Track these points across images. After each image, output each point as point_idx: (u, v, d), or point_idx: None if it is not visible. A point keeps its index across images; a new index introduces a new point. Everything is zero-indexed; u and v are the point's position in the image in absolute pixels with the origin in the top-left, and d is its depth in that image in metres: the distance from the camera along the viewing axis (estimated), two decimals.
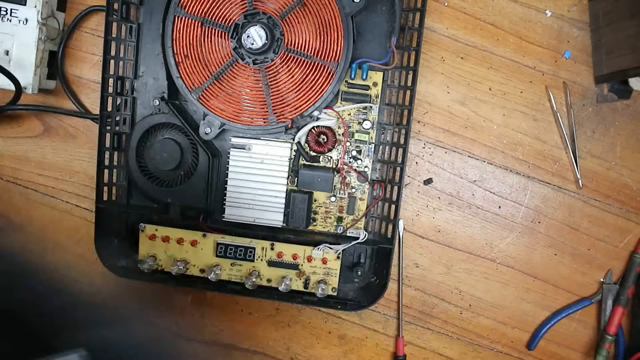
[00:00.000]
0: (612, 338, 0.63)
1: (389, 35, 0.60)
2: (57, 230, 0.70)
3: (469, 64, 0.63)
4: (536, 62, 0.63)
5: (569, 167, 0.64)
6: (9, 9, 0.61)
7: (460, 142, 0.64)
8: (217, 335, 0.69)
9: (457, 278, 0.66)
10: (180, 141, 0.62)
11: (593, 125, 0.63)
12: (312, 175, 0.61)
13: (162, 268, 0.63)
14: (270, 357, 0.69)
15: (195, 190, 0.62)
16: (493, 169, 0.64)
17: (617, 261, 0.65)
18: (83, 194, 0.69)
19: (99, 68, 0.67)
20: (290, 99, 0.59)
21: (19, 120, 0.69)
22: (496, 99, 0.63)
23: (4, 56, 0.61)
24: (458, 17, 0.63)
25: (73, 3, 0.67)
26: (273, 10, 0.57)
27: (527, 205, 0.65)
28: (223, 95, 0.60)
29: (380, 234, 0.63)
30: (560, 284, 0.65)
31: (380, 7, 0.60)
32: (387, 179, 0.61)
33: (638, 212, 0.64)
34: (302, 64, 0.58)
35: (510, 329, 0.66)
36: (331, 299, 0.62)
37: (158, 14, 0.61)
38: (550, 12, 0.62)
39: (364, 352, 0.68)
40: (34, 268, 0.71)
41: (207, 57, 0.59)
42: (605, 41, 0.60)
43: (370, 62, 0.60)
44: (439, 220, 0.65)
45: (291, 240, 0.62)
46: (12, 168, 0.70)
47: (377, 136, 0.62)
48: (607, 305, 0.64)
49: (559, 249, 0.65)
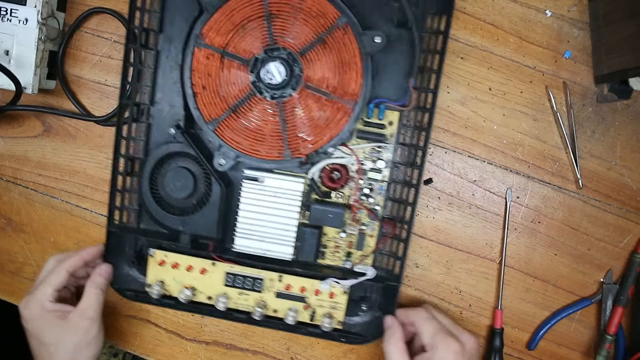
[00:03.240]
0: (612, 338, 0.63)
1: (407, 74, 0.60)
2: (57, 230, 0.70)
3: (469, 64, 0.63)
4: (536, 62, 0.63)
5: (569, 167, 0.64)
6: (9, 9, 0.61)
7: (460, 142, 0.64)
8: (217, 335, 0.69)
9: (457, 278, 0.66)
10: (193, 170, 0.61)
11: (593, 125, 0.63)
12: (323, 210, 0.61)
13: (169, 294, 0.63)
14: (270, 357, 0.69)
15: (207, 220, 0.61)
16: (493, 169, 0.64)
17: (617, 261, 0.65)
18: (83, 194, 0.69)
19: (99, 68, 0.67)
20: (306, 134, 0.59)
21: (19, 120, 0.69)
22: (496, 99, 0.63)
23: (4, 56, 0.61)
24: (458, 17, 0.63)
25: (73, 3, 0.67)
26: (293, 45, 0.57)
27: (527, 205, 0.65)
28: (239, 128, 0.59)
29: (388, 270, 0.63)
30: (560, 284, 0.65)
31: (400, 46, 0.60)
32: (398, 217, 0.61)
33: (638, 212, 0.64)
34: (320, 101, 0.58)
35: (510, 329, 0.66)
36: (336, 331, 0.62)
37: (177, 42, 0.61)
38: (550, 12, 0.62)
39: (364, 352, 0.68)
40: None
41: (225, 89, 0.59)
42: (605, 41, 0.60)
43: (388, 103, 0.60)
44: (439, 220, 0.65)
45: (299, 273, 0.62)
46: (12, 168, 0.70)
47: (390, 175, 0.62)
48: (607, 305, 0.64)
49: (559, 249, 0.65)
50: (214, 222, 0.61)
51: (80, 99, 0.68)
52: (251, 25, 0.57)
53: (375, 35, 0.56)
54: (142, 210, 0.65)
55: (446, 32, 0.57)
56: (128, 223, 0.65)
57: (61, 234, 0.70)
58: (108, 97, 0.67)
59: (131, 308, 0.70)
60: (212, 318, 0.69)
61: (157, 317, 0.70)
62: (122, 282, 0.65)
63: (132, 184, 0.64)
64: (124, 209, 0.64)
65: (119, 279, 0.65)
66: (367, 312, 0.63)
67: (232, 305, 0.63)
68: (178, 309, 0.64)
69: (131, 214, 0.65)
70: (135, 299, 0.64)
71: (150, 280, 0.63)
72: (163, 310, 0.69)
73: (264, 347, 0.69)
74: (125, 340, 0.71)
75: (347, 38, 0.57)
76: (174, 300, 0.63)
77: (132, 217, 0.65)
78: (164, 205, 0.62)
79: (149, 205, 0.62)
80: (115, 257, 0.64)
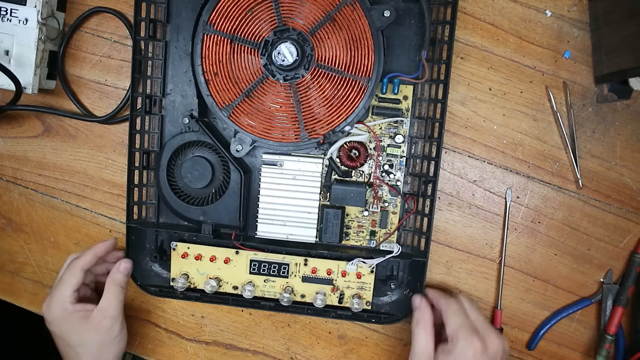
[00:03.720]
0: (612, 338, 0.63)
1: (418, 48, 0.60)
2: (57, 230, 0.70)
3: (469, 64, 0.63)
4: (536, 62, 0.63)
5: (569, 167, 0.64)
6: (9, 9, 0.61)
7: (460, 142, 0.64)
8: (217, 335, 0.69)
9: (457, 278, 0.66)
10: (210, 159, 0.61)
11: (593, 125, 0.63)
12: (344, 190, 0.61)
13: (194, 286, 0.63)
14: (270, 357, 0.69)
15: (227, 208, 0.61)
16: (493, 169, 0.64)
17: (617, 261, 0.65)
18: (83, 194, 0.69)
19: (99, 68, 0.67)
20: (322, 114, 0.59)
21: (19, 120, 0.69)
22: (496, 99, 0.63)
23: (4, 56, 0.61)
24: (458, 17, 0.62)
25: (73, 3, 0.67)
26: (303, 26, 0.57)
27: (527, 205, 0.65)
28: (254, 112, 0.59)
29: (413, 247, 0.63)
30: (560, 284, 0.65)
31: (410, 20, 0.60)
32: (420, 192, 0.61)
33: (638, 212, 0.64)
34: (333, 79, 0.58)
35: (510, 329, 0.66)
36: (365, 312, 0.62)
37: (185, 31, 0.61)
38: (550, 12, 0.62)
39: (364, 352, 0.68)
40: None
41: (237, 74, 0.59)
42: (605, 41, 0.60)
43: (402, 77, 0.59)
44: (439, 220, 0.65)
45: (325, 255, 0.62)
46: (12, 168, 0.70)
47: (409, 149, 0.62)
48: (607, 305, 0.64)
49: (559, 249, 0.65)
50: (235, 210, 0.61)
51: (80, 99, 0.68)
52: (259, 7, 0.57)
53: (384, 10, 0.56)
54: (161, 204, 0.65)
55: (455, 1, 0.57)
56: (147, 218, 0.65)
57: (61, 234, 0.70)
58: (108, 97, 0.67)
59: (131, 308, 0.70)
60: (212, 318, 0.69)
61: (157, 317, 0.70)
62: (145, 279, 0.65)
63: (148, 177, 0.64)
64: (143, 204, 0.64)
65: (142, 276, 0.64)
66: (395, 291, 0.63)
67: (258, 293, 0.63)
68: (204, 302, 0.64)
69: (150, 208, 0.65)
70: (160, 295, 0.64)
71: (174, 274, 0.63)
72: (163, 310, 0.69)
73: (264, 347, 0.69)
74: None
75: (356, 14, 0.56)
76: (199, 292, 0.63)
77: (151, 211, 0.65)
78: (182, 197, 0.62)
79: (168, 197, 0.62)
80: (136, 253, 0.64)
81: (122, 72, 0.67)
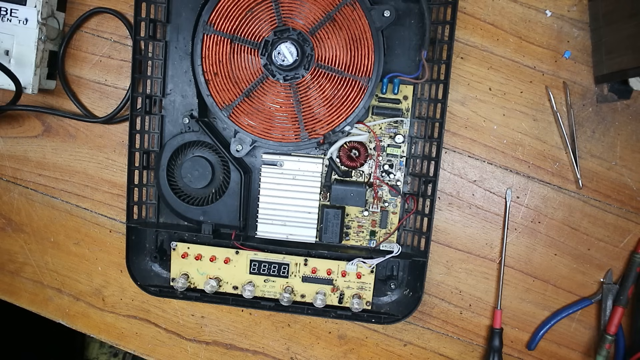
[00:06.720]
0: (612, 338, 0.63)
1: (418, 48, 0.60)
2: (57, 230, 0.70)
3: (469, 64, 0.63)
4: (536, 62, 0.63)
5: (569, 167, 0.64)
6: (9, 9, 0.61)
7: (460, 142, 0.64)
8: (217, 335, 0.69)
9: (457, 278, 0.66)
10: (210, 159, 0.61)
11: (593, 125, 0.63)
12: (344, 190, 0.61)
13: (194, 286, 0.63)
14: (270, 357, 0.69)
15: (227, 208, 0.61)
16: (493, 169, 0.64)
17: (617, 261, 0.65)
18: (83, 194, 0.69)
19: (99, 68, 0.67)
20: (322, 114, 0.59)
21: (19, 120, 0.69)
22: (496, 99, 0.63)
23: (4, 56, 0.62)
24: (458, 17, 0.62)
25: (73, 3, 0.67)
26: (303, 26, 0.57)
27: (527, 205, 0.65)
28: (254, 112, 0.59)
29: (413, 247, 0.63)
30: (560, 284, 0.65)
31: (410, 20, 0.60)
32: (420, 192, 0.61)
33: (638, 212, 0.64)
34: (333, 79, 0.58)
35: (510, 329, 0.66)
36: (365, 312, 0.62)
37: (185, 31, 0.61)
38: (550, 12, 0.62)
39: (364, 352, 0.68)
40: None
41: (237, 74, 0.59)
42: (605, 41, 0.60)
43: (402, 77, 0.59)
44: (439, 220, 0.65)
45: (325, 255, 0.63)
46: (12, 168, 0.70)
47: (409, 149, 0.62)
48: (607, 305, 0.64)
49: (559, 249, 0.65)
50: (235, 210, 0.61)
51: (80, 99, 0.68)
52: (259, 7, 0.57)
53: (384, 10, 0.56)
54: (161, 204, 0.65)
55: (455, 1, 0.57)
56: (147, 218, 0.65)
57: (61, 234, 0.70)
58: (108, 97, 0.67)
59: (131, 308, 0.70)
60: (212, 318, 0.69)
61: (157, 317, 0.70)
62: (145, 279, 0.65)
63: (148, 177, 0.64)
64: (143, 204, 0.64)
65: (142, 276, 0.64)
66: (395, 291, 0.63)
67: (258, 293, 0.63)
68: (204, 302, 0.64)
69: (150, 208, 0.65)
70: (160, 295, 0.64)
71: (174, 274, 0.63)
72: (163, 310, 0.69)
73: (264, 347, 0.69)
74: (125, 340, 0.71)
75: (356, 14, 0.57)
76: (199, 292, 0.63)
77: (150, 211, 0.65)
78: (182, 197, 0.62)
79: (168, 197, 0.62)
80: (136, 253, 0.64)
81: (122, 72, 0.67)
